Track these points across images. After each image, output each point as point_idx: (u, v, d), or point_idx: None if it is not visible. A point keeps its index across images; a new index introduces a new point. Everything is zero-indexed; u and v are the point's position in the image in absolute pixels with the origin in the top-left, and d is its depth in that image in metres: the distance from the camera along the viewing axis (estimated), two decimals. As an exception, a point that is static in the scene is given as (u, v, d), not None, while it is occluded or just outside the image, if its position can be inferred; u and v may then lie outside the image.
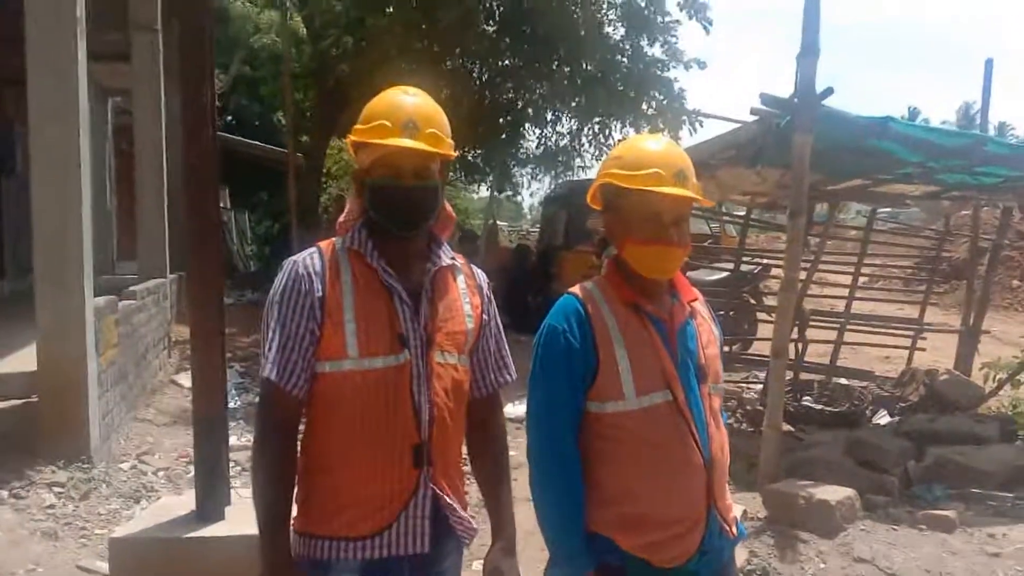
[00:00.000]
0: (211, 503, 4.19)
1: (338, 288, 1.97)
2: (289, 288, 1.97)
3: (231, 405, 8.53)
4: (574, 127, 14.60)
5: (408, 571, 2.00)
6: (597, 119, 14.19)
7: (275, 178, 14.86)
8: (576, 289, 2.11)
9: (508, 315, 13.90)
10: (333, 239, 2.07)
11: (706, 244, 11.88)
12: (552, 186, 17.00)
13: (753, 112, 5.50)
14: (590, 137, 15.25)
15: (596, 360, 2.01)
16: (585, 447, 2.06)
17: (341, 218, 2.10)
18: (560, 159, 16.54)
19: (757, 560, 4.48)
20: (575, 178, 16.09)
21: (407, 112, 1.99)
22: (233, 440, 7.12)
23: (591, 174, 17.90)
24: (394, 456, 1.96)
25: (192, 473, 5.02)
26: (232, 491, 4.59)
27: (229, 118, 24.00)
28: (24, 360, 5.84)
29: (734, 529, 2.13)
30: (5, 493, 5.00)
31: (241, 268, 16.59)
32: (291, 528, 1.98)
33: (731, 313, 8.92)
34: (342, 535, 1.96)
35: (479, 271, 2.26)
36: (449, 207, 2.22)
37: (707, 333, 2.17)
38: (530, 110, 15.19)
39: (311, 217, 15.33)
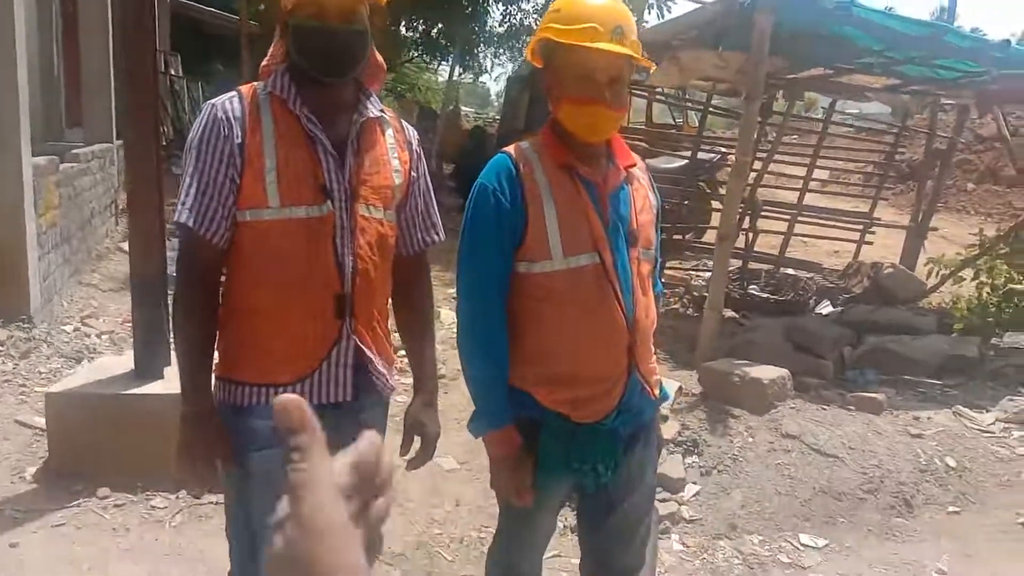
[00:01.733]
0: (149, 362, 4.19)
1: (258, 135, 1.90)
2: (207, 133, 1.89)
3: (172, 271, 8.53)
4: (540, 2, 14.13)
5: (330, 419, 1.99)
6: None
7: (232, 48, 14.32)
8: (511, 149, 2.09)
9: (463, 197, 13.78)
10: (254, 83, 1.99)
11: (669, 131, 11.83)
12: (515, 67, 16.63)
13: (716, -10, 5.36)
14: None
15: (525, 220, 2.01)
16: (513, 306, 2.08)
17: (264, 61, 2.02)
18: (525, 38, 16.11)
19: (689, 432, 4.63)
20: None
21: None
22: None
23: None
24: (316, 305, 1.95)
25: (135, 336, 5.02)
26: (172, 352, 4.59)
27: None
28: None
29: (655, 391, 2.18)
30: (-58, 348, 4.96)
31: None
32: (211, 374, 1.98)
33: (686, 202, 8.92)
34: (263, 381, 1.95)
35: (408, 126, 2.21)
36: (379, 57, 2.14)
37: (642, 199, 2.16)
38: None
39: (265, 88, 14.85)
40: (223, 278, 2.03)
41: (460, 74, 18.69)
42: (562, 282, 2.02)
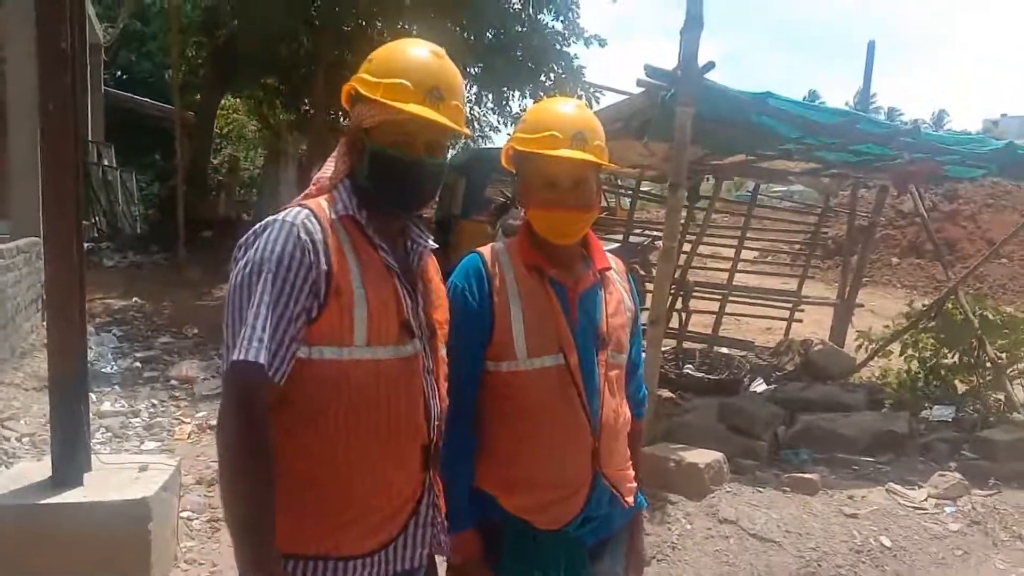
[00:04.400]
0: (68, 468, 4.02)
1: (344, 262, 1.68)
2: (289, 256, 1.62)
3: (107, 370, 8.29)
4: (472, 95, 14.48)
5: None
6: (496, 88, 14.12)
7: (168, 138, 14.29)
8: (484, 249, 2.11)
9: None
10: (318, 199, 1.77)
11: (602, 216, 12.05)
12: (452, 154, 16.89)
13: (639, 84, 5.53)
14: (489, 106, 15.17)
15: (492, 319, 2.02)
16: (482, 404, 2.07)
17: (320, 173, 1.83)
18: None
19: (627, 522, 4.58)
20: (475, 146, 15.99)
21: (433, 75, 1.76)
22: (106, 406, 6.92)
23: (492, 143, 17.85)
24: (405, 458, 1.76)
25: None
26: (93, 456, 4.43)
27: (118, 73, 22.97)
28: None
29: (629, 499, 2.15)
30: None
31: (127, 230, 15.94)
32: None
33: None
34: (343, 554, 1.70)
35: None
36: None
37: (616, 303, 2.15)
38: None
39: (200, 178, 14.83)
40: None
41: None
42: (526, 382, 2.01)
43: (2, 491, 3.97)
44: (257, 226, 1.70)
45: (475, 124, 16.35)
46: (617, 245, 9.45)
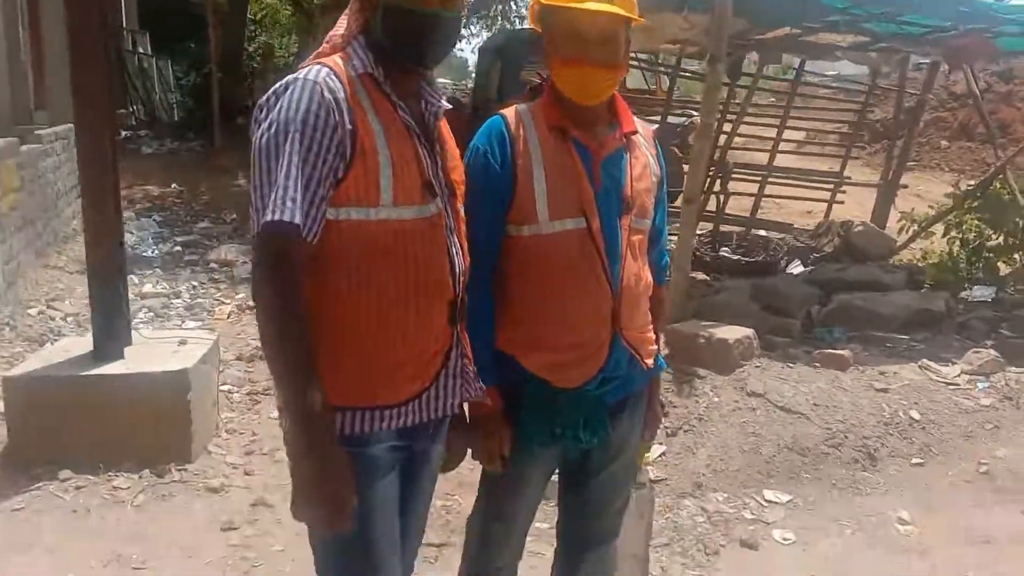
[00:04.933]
0: (108, 342, 4.14)
1: (367, 122, 1.67)
2: (314, 115, 1.61)
3: (149, 254, 8.46)
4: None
5: (431, 435, 1.90)
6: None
7: (202, 26, 14.12)
8: (508, 111, 2.07)
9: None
10: (333, 57, 1.73)
11: (641, 96, 11.76)
12: (487, 36, 16.50)
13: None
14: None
15: (513, 181, 1.99)
16: (503, 267, 2.08)
17: (333, 31, 1.79)
18: (496, 7, 15.96)
19: (655, 395, 4.64)
20: (511, 27, 15.58)
21: None
22: (148, 288, 7.09)
23: (527, 24, 17.35)
24: (433, 313, 1.79)
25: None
26: (134, 332, 4.55)
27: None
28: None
29: (648, 361, 2.17)
30: (-97, 334, 4.90)
31: (164, 118, 15.99)
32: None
33: (658, 166, 8.87)
34: (382, 403, 1.75)
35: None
36: None
37: (641, 167, 2.11)
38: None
39: (234, 65, 14.69)
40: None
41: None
42: (548, 246, 2.01)
43: (47, 363, 4.13)
44: (277, 86, 1.67)
45: (511, 4, 15.90)
46: (655, 127, 9.26)
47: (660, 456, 4.22)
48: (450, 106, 1.89)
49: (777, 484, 4.10)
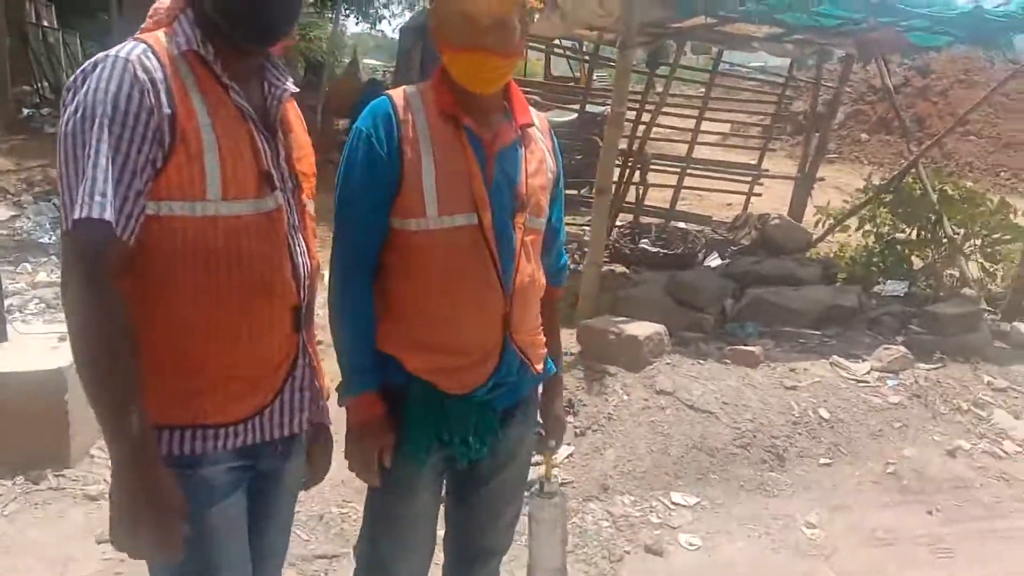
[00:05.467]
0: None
1: (189, 104, 1.48)
2: (126, 97, 1.42)
3: (45, 240, 8.00)
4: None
5: (280, 453, 1.72)
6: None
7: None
8: (395, 92, 1.92)
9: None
10: (155, 33, 1.54)
11: (563, 84, 11.64)
12: (409, 16, 16.18)
13: (589, -67, 5.14)
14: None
15: (400, 171, 1.84)
16: (385, 261, 1.91)
17: (157, 3, 1.59)
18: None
19: (565, 393, 4.50)
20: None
21: None
22: (42, 276, 6.68)
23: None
24: (273, 321, 1.62)
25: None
26: (9, 327, 4.26)
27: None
28: None
29: (538, 366, 2.06)
30: None
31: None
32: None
33: (578, 156, 8.77)
34: (208, 422, 1.57)
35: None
36: None
37: (537, 162, 1.99)
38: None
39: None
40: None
41: (356, 23, 18.10)
42: (435, 242, 1.86)
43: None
44: (86, 64, 1.48)
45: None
46: (574, 116, 9.15)
47: (568, 458, 4.09)
48: (296, 89, 1.70)
49: (685, 486, 4.00)
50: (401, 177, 1.84)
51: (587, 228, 8.50)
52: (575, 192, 9.55)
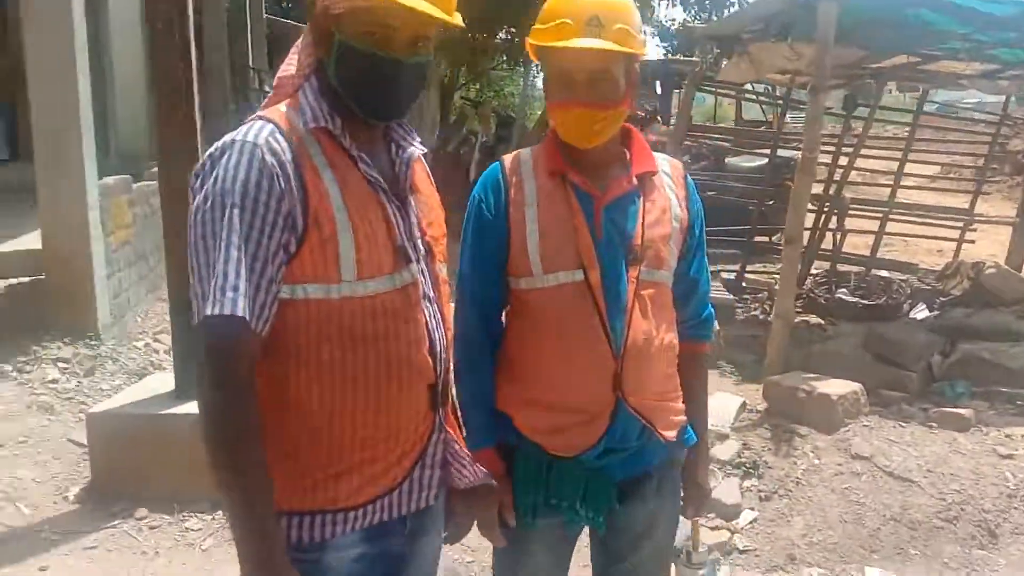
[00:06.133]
0: (188, 381, 4.18)
1: (320, 185, 1.43)
2: (255, 185, 1.37)
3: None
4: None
5: (409, 528, 1.64)
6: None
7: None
8: (508, 156, 1.95)
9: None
10: (279, 109, 1.50)
11: (756, 129, 11.35)
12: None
13: (777, -22, 5.02)
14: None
15: (507, 233, 1.86)
16: (507, 323, 1.96)
17: (282, 71, 1.55)
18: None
19: (749, 453, 4.33)
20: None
21: None
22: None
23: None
24: (411, 400, 1.55)
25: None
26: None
27: (286, 3, 23.56)
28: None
29: (668, 433, 1.93)
30: (9, 367, 5.10)
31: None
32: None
33: (770, 201, 8.47)
34: (342, 505, 1.51)
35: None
36: None
37: (659, 211, 1.91)
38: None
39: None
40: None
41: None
42: (542, 300, 1.85)
43: (130, 400, 4.20)
44: (213, 149, 1.43)
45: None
46: (764, 161, 8.88)
47: (751, 523, 3.90)
48: (425, 149, 1.66)
49: (881, 561, 3.70)
50: (508, 238, 1.85)
51: (778, 276, 8.21)
52: (766, 239, 9.25)
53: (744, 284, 8.11)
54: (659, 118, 10.47)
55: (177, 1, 4.08)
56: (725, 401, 4.78)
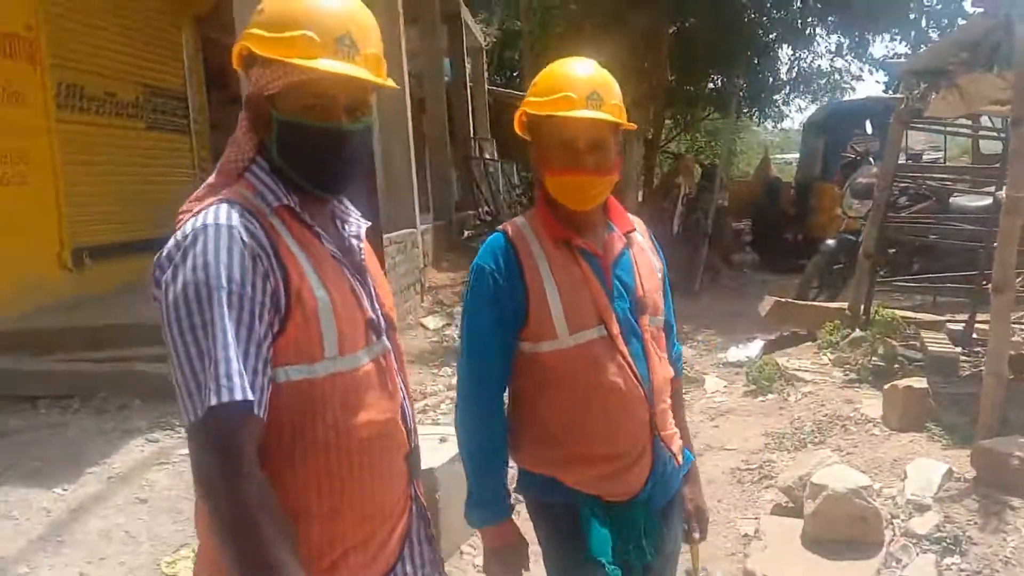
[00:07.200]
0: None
1: (296, 262, 1.43)
2: (239, 267, 1.34)
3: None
4: (832, 43, 13.32)
5: None
6: (854, 33, 12.78)
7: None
8: (507, 226, 2.09)
9: (761, 254, 13.15)
10: (237, 189, 1.49)
11: (971, 166, 10.37)
12: (809, 113, 15.79)
13: (974, 4, 4.63)
14: (849, 55, 13.78)
15: (526, 300, 1.97)
16: (520, 387, 2.06)
17: (223, 159, 1.55)
18: (818, 81, 15.18)
19: (951, 527, 3.88)
20: (835, 100, 14.66)
21: (341, 21, 1.45)
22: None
23: (854, 94, 16.23)
24: (394, 472, 1.55)
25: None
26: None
27: (510, 72, 24.74)
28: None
29: (680, 457, 2.16)
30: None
31: (506, 215, 17.20)
32: None
33: (996, 244, 7.63)
34: None
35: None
36: None
37: (646, 265, 2.13)
38: (781, 29, 13.96)
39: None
40: None
41: (758, 124, 18.12)
42: (571, 360, 1.98)
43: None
44: (179, 236, 1.39)
45: (835, 76, 15.02)
46: (987, 202, 8.06)
47: (948, 605, 3.49)
48: (369, 223, 1.65)
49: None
50: (527, 307, 1.96)
51: (1014, 327, 7.36)
52: (988, 285, 8.33)
53: (975, 335, 7.35)
54: (871, 159, 9.83)
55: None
56: (928, 467, 4.33)
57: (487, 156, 17.85)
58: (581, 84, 1.94)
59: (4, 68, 7.17)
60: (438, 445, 4.41)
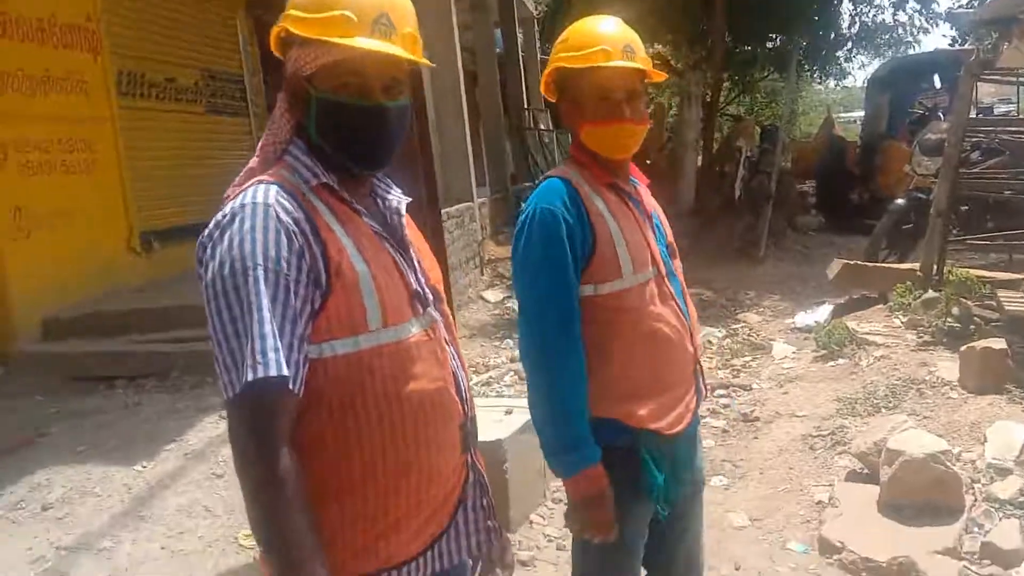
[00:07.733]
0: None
1: (335, 238, 1.45)
2: (275, 244, 1.37)
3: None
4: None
5: None
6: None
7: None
8: (557, 172, 2.13)
9: (827, 216, 12.85)
10: (277, 170, 1.52)
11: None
12: (874, 69, 15.30)
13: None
14: (915, 6, 13.28)
15: (594, 241, 2.02)
16: (587, 331, 2.04)
17: (263, 140, 1.58)
18: (881, 36, 14.68)
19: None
20: (900, 54, 14.16)
21: (378, 1, 1.48)
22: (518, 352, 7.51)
23: (918, 48, 15.67)
24: (446, 444, 1.55)
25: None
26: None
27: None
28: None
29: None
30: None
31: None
32: None
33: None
34: (397, 561, 1.50)
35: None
36: None
37: (663, 213, 2.27)
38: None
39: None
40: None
41: (819, 82, 17.64)
42: (633, 298, 2.05)
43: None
44: (219, 216, 1.43)
45: (898, 30, 14.51)
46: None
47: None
48: (409, 199, 1.66)
49: None
50: (595, 247, 2.02)
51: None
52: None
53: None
54: (940, 114, 9.49)
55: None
56: (1009, 430, 4.20)
57: (542, 127, 17.74)
58: (615, 38, 2.04)
59: (67, 59, 7.31)
60: (504, 417, 4.42)
